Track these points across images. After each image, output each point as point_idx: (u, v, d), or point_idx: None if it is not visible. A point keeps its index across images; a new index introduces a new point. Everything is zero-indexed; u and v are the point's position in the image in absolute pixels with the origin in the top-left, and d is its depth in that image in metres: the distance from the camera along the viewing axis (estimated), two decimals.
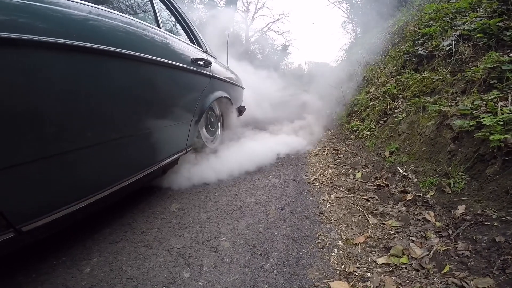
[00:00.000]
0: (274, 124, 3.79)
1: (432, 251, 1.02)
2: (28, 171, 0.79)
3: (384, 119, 2.47)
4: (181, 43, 1.76)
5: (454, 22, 2.62)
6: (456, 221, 1.13)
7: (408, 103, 2.23)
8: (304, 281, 0.96)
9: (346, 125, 3.29)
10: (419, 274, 0.93)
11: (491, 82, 1.65)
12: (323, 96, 4.48)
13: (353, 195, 1.63)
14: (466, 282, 0.84)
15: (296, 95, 4.75)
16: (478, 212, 1.09)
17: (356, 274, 0.98)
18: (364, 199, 1.57)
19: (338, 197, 1.63)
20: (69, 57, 0.86)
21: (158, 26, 1.60)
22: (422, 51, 2.76)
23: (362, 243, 1.16)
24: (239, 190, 1.73)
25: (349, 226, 1.31)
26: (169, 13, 1.96)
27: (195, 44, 2.11)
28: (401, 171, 1.68)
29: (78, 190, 0.98)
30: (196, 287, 0.92)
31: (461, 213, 1.14)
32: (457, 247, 1.00)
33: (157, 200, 1.57)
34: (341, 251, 1.12)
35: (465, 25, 2.37)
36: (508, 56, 1.67)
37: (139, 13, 1.88)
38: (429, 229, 1.15)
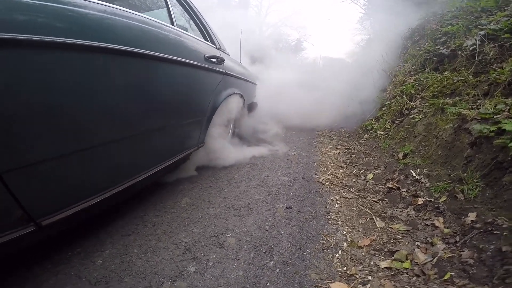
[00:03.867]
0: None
1: (436, 258, 1.04)
2: (48, 168, 0.85)
3: (400, 119, 2.44)
4: (194, 40, 1.81)
5: (479, 21, 2.57)
6: (465, 228, 1.14)
7: (426, 104, 2.20)
8: (306, 280, 1.02)
9: (361, 124, 3.28)
10: (419, 280, 0.96)
11: None
12: (337, 93, 4.44)
13: (362, 196, 1.66)
14: None
15: (309, 90, 4.74)
16: (488, 220, 1.10)
17: (357, 276, 1.03)
18: (374, 201, 1.59)
19: (347, 198, 1.66)
20: (86, 57, 0.92)
21: (172, 23, 1.65)
22: (444, 50, 2.70)
23: (367, 246, 1.20)
24: (248, 187, 1.80)
25: (355, 228, 1.35)
26: (183, 10, 2.02)
27: (208, 41, 2.17)
28: (414, 174, 1.68)
29: (95, 185, 1.06)
30: (201, 282, 1.00)
31: (471, 220, 1.15)
32: (461, 254, 1.02)
33: (168, 194, 1.66)
34: (345, 253, 1.17)
35: (491, 24, 2.32)
36: None
37: (153, 9, 1.95)
38: (437, 235, 1.17)
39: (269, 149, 2.65)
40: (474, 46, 2.31)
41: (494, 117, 1.46)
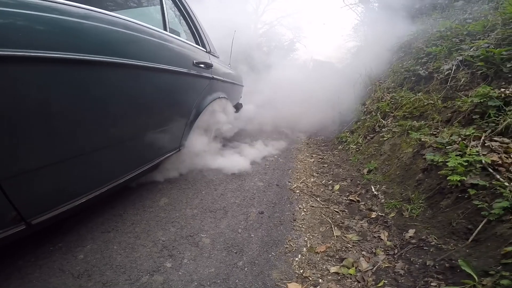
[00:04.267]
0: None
1: (376, 267, 1.25)
2: (40, 174, 0.95)
3: (372, 135, 2.67)
4: (184, 46, 1.88)
5: (461, 45, 2.65)
6: (403, 242, 1.36)
7: (396, 124, 2.42)
8: (268, 280, 1.19)
9: (337, 135, 3.49)
10: (359, 285, 1.16)
11: (473, 116, 1.79)
12: (321, 99, 4.62)
13: (326, 206, 1.86)
14: None
15: (294, 93, 4.91)
16: (422, 237, 1.32)
17: (310, 279, 1.22)
18: (335, 211, 1.80)
19: (313, 206, 1.86)
20: (62, 70, 0.95)
21: (165, 28, 1.70)
22: (422, 71, 2.86)
23: (322, 252, 1.40)
24: (225, 190, 1.96)
25: (315, 235, 1.54)
26: (177, 11, 2.07)
27: (199, 44, 2.23)
28: (373, 189, 1.90)
29: (82, 187, 1.16)
30: (176, 276, 1.15)
31: (409, 236, 1.37)
32: (396, 265, 1.24)
33: (147, 193, 1.78)
34: (303, 257, 1.35)
35: (471, 50, 2.42)
36: (499, 90, 1.73)
37: (149, 15, 1.99)
38: (380, 247, 1.39)
39: (250, 153, 2.81)
40: (449, 70, 2.47)
41: (446, 147, 1.68)
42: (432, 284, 1.09)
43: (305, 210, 1.81)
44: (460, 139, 1.69)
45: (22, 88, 0.84)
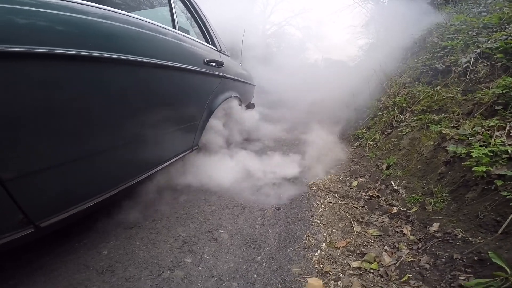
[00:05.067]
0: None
1: (399, 261, 1.23)
2: (48, 176, 0.93)
3: (389, 131, 2.62)
4: (194, 44, 1.87)
5: (478, 38, 2.65)
6: (427, 236, 1.33)
7: (415, 118, 2.37)
8: (287, 274, 1.19)
9: (353, 132, 3.45)
10: (382, 279, 1.14)
11: (496, 107, 1.75)
12: (335, 97, 4.59)
13: (345, 202, 1.84)
14: None
15: (307, 92, 4.90)
16: (448, 231, 1.29)
17: (331, 273, 1.21)
18: (354, 207, 1.77)
19: (331, 203, 1.84)
20: (75, 67, 0.94)
21: (174, 26, 1.70)
22: (439, 65, 2.83)
23: (342, 247, 1.38)
24: (242, 188, 1.97)
25: (335, 230, 1.53)
26: (187, 11, 2.08)
27: (209, 43, 2.23)
28: (393, 185, 1.86)
29: (92, 189, 1.14)
30: (196, 271, 1.17)
31: (434, 230, 1.34)
32: (420, 260, 1.21)
33: (167, 191, 1.82)
34: (323, 252, 1.35)
35: (489, 42, 2.41)
36: None
37: (157, 10, 2.00)
38: (403, 241, 1.36)
39: (263, 150, 2.82)
40: (468, 63, 2.44)
41: (469, 139, 1.64)
42: (460, 277, 1.06)
43: (323, 206, 1.80)
44: (483, 130, 1.64)
45: (31, 88, 0.82)
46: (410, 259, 1.24)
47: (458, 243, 1.21)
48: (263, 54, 7.56)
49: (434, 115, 2.21)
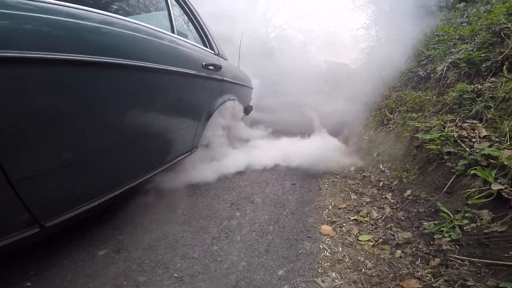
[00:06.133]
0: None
1: (384, 216, 1.80)
2: (53, 176, 0.95)
3: (381, 127, 3.19)
4: (193, 48, 1.91)
5: (452, 49, 3.14)
6: (403, 199, 1.91)
7: (400, 117, 2.95)
8: (306, 223, 1.75)
9: (350, 130, 4.03)
10: (372, 226, 1.71)
11: (453, 106, 2.33)
12: (335, 100, 5.09)
13: (344, 181, 2.42)
14: (396, 233, 1.62)
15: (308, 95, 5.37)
16: (416, 194, 1.86)
17: (337, 223, 1.77)
18: (352, 184, 2.35)
19: (334, 181, 2.42)
20: (72, 72, 0.95)
21: (172, 31, 1.75)
22: (422, 72, 3.40)
23: (343, 208, 1.95)
24: (264, 170, 2.55)
25: (337, 199, 2.10)
26: (184, 15, 2.15)
27: (207, 47, 2.29)
28: (381, 167, 2.45)
29: (96, 189, 1.19)
30: (244, 221, 1.72)
31: (407, 195, 1.92)
32: (398, 214, 1.78)
33: (209, 171, 2.38)
34: (329, 211, 1.91)
35: (458, 53, 2.89)
36: (473, 85, 2.25)
37: (155, 15, 1.98)
38: (386, 204, 1.94)
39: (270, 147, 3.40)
40: (442, 71, 3.02)
41: (432, 129, 2.20)
42: (424, 223, 1.63)
43: (327, 183, 2.37)
44: (441, 122, 2.20)
45: (38, 91, 0.85)
46: (391, 214, 1.81)
47: (422, 201, 1.78)
48: (265, 57, 7.99)
49: (414, 114, 2.78)
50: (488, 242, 1.28)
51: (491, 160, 1.47)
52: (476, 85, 2.14)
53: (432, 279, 1.24)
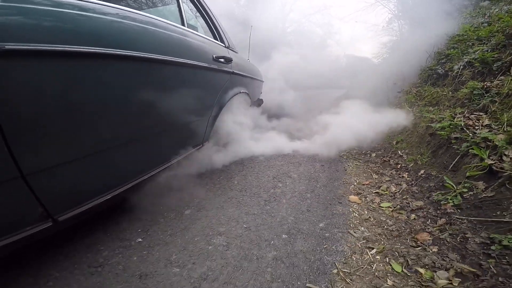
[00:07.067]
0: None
1: (401, 190, 2.21)
2: (66, 170, 0.95)
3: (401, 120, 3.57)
4: (203, 41, 1.93)
5: (469, 50, 3.48)
6: (417, 177, 2.32)
7: (418, 110, 3.32)
8: (337, 193, 2.18)
9: None
10: (391, 197, 2.13)
11: (464, 101, 2.70)
12: (354, 95, 5.40)
13: (367, 164, 2.84)
14: (411, 202, 2.03)
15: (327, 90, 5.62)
16: (428, 172, 2.27)
17: (362, 194, 2.20)
18: (373, 167, 2.77)
19: (357, 165, 2.85)
20: (86, 64, 0.96)
21: (182, 23, 1.76)
22: (440, 70, 3.74)
23: (367, 184, 2.38)
24: (296, 154, 3.01)
25: (361, 177, 2.53)
26: (194, 8, 2.18)
27: (217, 40, 2.34)
28: (400, 152, 2.85)
29: (109, 183, 1.20)
30: (286, 189, 2.18)
31: (421, 173, 2.32)
32: (413, 188, 2.19)
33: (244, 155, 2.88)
34: (355, 186, 2.34)
35: (474, 54, 3.20)
36: (483, 83, 2.59)
37: (166, 8, 2.08)
38: (403, 181, 2.35)
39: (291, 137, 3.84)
40: (458, 69, 3.36)
41: (444, 119, 2.58)
42: (433, 194, 2.04)
43: (351, 166, 2.80)
44: (452, 114, 2.56)
45: (51, 86, 0.85)
46: (407, 189, 2.22)
47: (433, 178, 2.19)
48: (281, 51, 8.17)
49: (431, 107, 3.15)
50: (481, 205, 1.68)
51: (488, 142, 1.87)
52: (485, 83, 2.49)
53: (440, 233, 1.65)
